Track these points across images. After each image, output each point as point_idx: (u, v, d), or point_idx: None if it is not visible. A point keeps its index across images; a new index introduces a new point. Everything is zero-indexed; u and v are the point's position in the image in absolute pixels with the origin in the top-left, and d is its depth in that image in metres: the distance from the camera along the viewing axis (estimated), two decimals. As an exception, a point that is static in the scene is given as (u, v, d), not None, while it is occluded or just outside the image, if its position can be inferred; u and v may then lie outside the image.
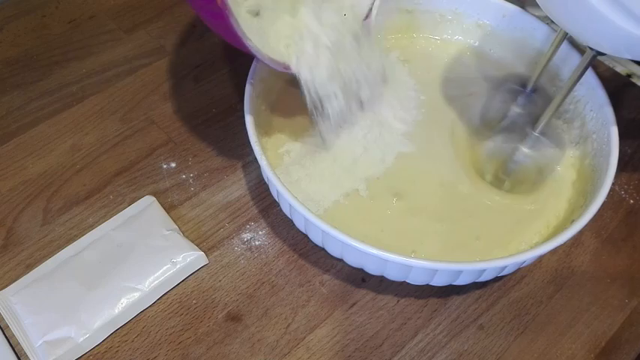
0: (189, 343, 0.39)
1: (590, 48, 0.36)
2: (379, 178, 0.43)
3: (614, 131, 0.40)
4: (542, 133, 0.42)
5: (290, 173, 0.43)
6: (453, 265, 0.35)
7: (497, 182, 0.44)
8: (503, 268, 0.37)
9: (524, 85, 0.46)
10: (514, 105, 0.46)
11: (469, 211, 0.42)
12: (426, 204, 0.42)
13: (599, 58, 0.55)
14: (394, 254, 0.34)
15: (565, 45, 0.45)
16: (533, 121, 0.42)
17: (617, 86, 0.54)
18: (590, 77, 0.44)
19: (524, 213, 0.42)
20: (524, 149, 0.42)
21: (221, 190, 0.46)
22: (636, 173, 0.49)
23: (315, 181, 0.42)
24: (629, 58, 0.34)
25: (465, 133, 0.46)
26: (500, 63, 0.51)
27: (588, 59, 0.37)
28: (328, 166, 0.43)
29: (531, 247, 0.36)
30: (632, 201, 0.47)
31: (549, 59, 0.43)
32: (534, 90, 0.46)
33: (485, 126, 0.46)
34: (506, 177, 0.43)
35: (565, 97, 0.40)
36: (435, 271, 0.36)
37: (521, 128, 0.43)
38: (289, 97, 0.48)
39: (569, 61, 0.46)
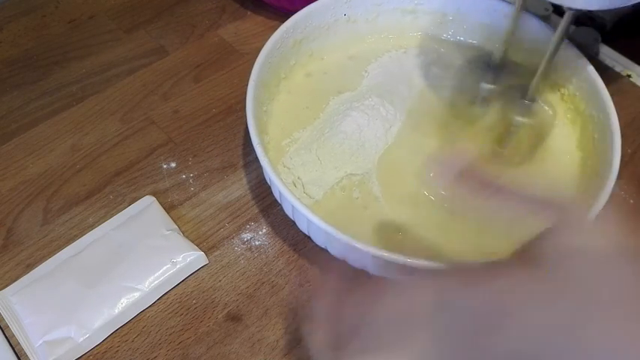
0: (189, 343, 0.39)
1: (569, 8, 0.37)
2: (376, 178, 0.43)
3: (616, 131, 0.40)
4: (532, 100, 0.43)
5: (290, 169, 0.43)
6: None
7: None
8: (504, 268, 0.37)
9: (489, 63, 0.47)
10: (484, 83, 0.46)
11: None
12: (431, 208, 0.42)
13: (600, 58, 0.55)
14: (397, 255, 0.34)
15: (543, 27, 0.46)
16: (515, 92, 0.43)
17: (617, 87, 0.54)
18: (591, 78, 0.43)
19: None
20: (517, 117, 0.43)
21: (221, 190, 0.46)
22: (636, 173, 0.49)
23: (317, 172, 0.42)
24: (598, 8, 0.36)
25: (449, 118, 0.46)
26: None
27: (568, 18, 0.39)
28: (329, 160, 0.43)
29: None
30: (632, 201, 0.47)
31: (512, 32, 0.44)
32: (502, 66, 0.47)
33: (465, 107, 0.47)
34: (503, 149, 0.44)
35: (551, 59, 0.41)
36: (436, 271, 0.36)
37: (505, 100, 0.44)
38: (290, 96, 0.48)
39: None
